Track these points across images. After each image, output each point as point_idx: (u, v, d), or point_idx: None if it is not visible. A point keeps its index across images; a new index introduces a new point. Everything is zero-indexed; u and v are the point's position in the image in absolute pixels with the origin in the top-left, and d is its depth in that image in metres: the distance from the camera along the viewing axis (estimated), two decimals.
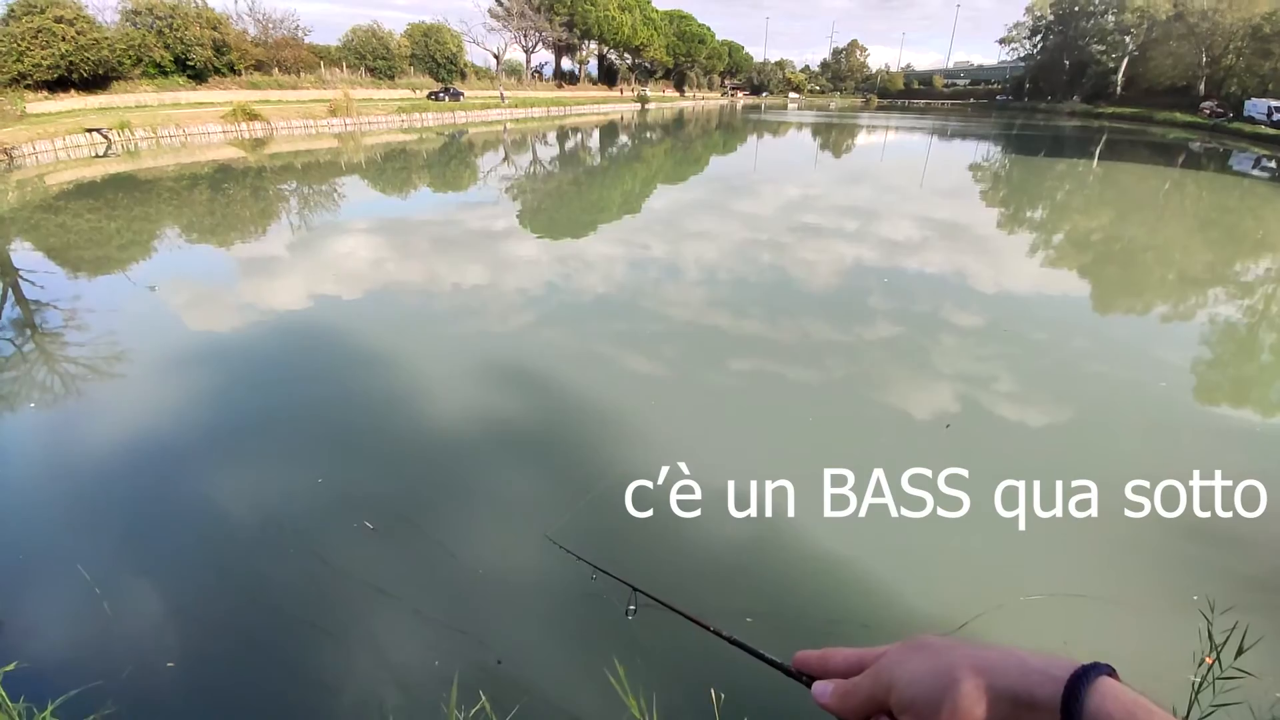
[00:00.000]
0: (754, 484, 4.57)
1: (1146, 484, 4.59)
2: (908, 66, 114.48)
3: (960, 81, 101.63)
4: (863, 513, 4.27)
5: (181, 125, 27.22)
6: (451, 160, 26.40)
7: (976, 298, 9.25)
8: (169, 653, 3.23)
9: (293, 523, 4.07)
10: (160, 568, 3.80)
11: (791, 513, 4.23)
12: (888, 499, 4.46)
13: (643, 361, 6.73)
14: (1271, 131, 37.73)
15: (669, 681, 1.97)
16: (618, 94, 69.03)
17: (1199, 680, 1.95)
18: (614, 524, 4.06)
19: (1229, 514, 4.26)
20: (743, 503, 4.28)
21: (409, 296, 8.84)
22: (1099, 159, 29.36)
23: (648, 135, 42.31)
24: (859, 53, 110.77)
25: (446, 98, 43.53)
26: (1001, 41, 78.39)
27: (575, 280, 9.63)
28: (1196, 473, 4.79)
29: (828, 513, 4.25)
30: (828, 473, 4.69)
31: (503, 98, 49.11)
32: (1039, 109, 65.85)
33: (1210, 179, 23.86)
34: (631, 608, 1.04)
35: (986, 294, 9.49)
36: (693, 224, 14.07)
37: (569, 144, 35.86)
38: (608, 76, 72.90)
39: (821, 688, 0.54)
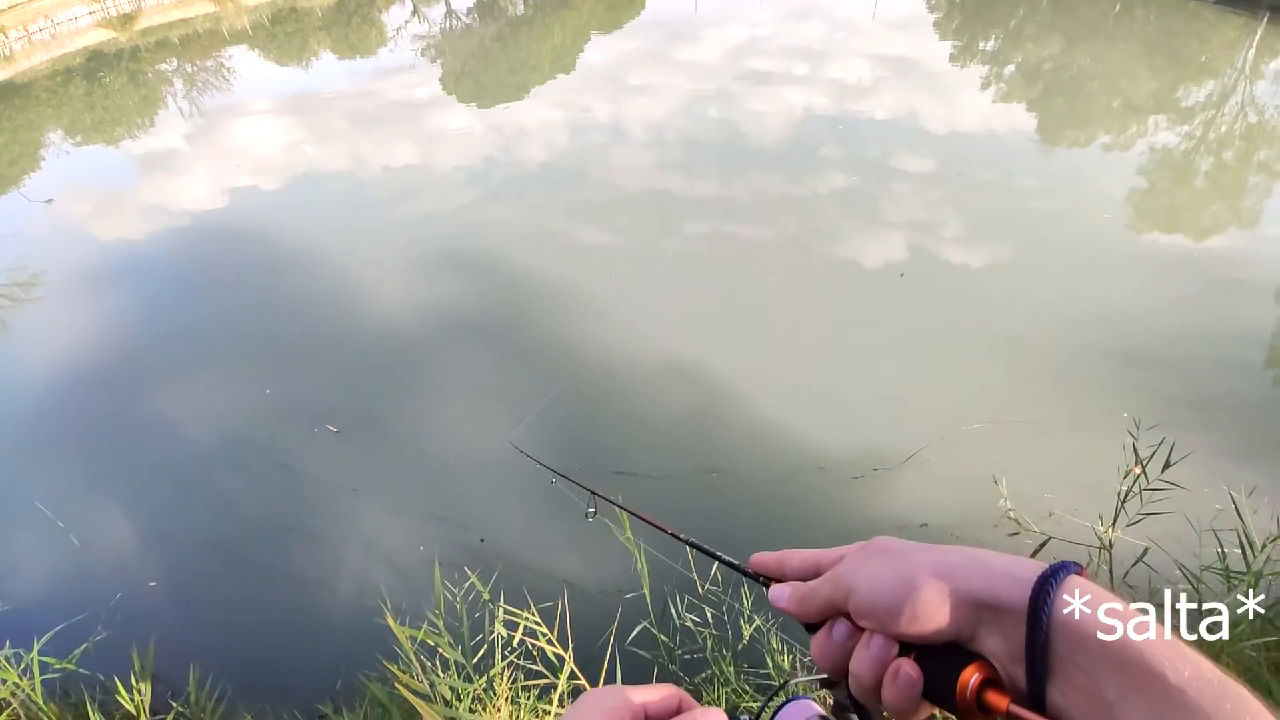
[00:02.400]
0: (716, 348, 4.65)
1: (1085, 314, 4.86)
2: None
3: None
4: (819, 364, 4.44)
5: (49, 15, 22.92)
6: (352, 18, 23.22)
7: (928, 140, 9.06)
8: (149, 573, 3.26)
9: (249, 435, 4.00)
10: (120, 494, 3.74)
11: (751, 370, 4.37)
12: (843, 349, 4.63)
13: (595, 233, 6.49)
14: None
15: (653, 558, 2.09)
16: None
17: (1125, 490, 2.16)
18: (588, 405, 4.13)
19: (1163, 339, 4.60)
20: (709, 365, 4.38)
21: (334, 182, 8.13)
22: None
23: None
24: None
25: None
26: None
27: (515, 151, 8.98)
28: (1132, 301, 5.08)
29: (786, 368, 4.40)
30: (788, 330, 4.80)
31: None
32: None
33: (1159, 2, 23.06)
34: (591, 510, 1.04)
35: (938, 135, 9.30)
36: (634, 78, 13.05)
37: None
38: None
39: (779, 591, 0.52)
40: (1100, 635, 0.36)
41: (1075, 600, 0.37)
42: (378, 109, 11.39)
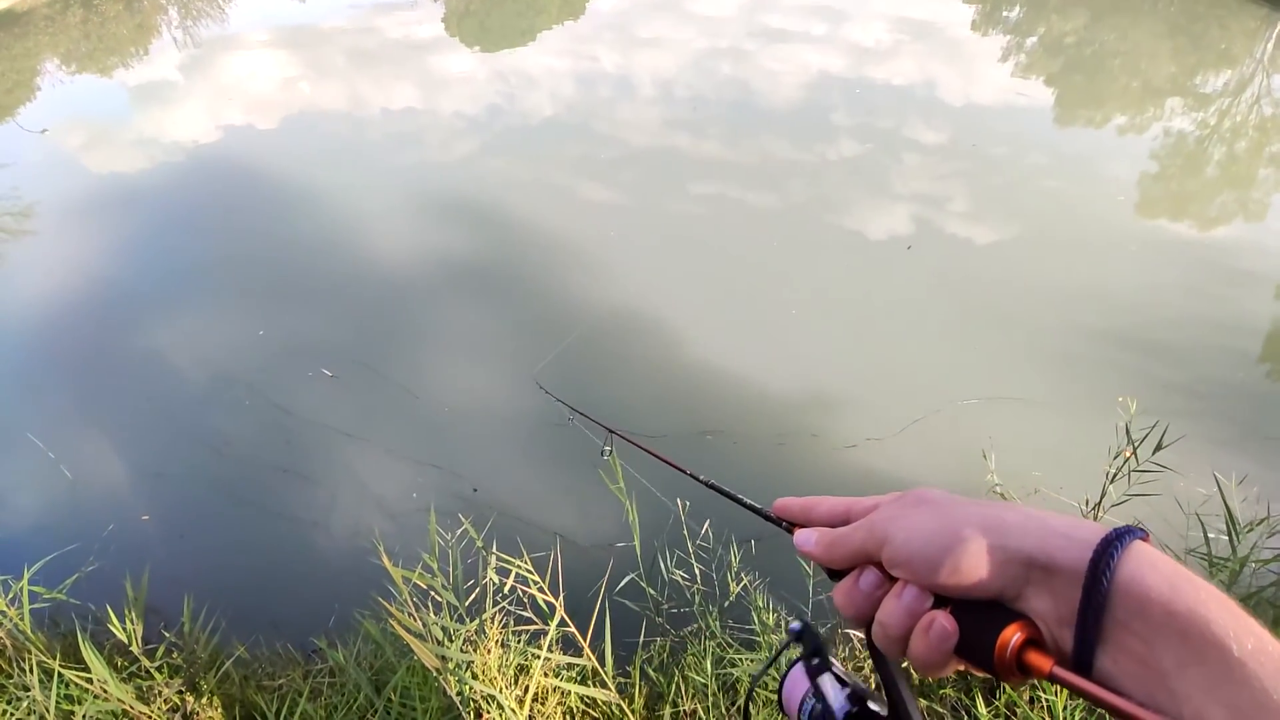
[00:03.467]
0: (717, 311, 4.63)
1: (1088, 296, 4.85)
2: None
3: None
4: (819, 332, 4.43)
5: None
6: None
7: (943, 110, 8.87)
8: (142, 506, 3.28)
9: (244, 376, 3.98)
10: (113, 429, 3.73)
11: (751, 334, 4.36)
12: (844, 318, 4.61)
13: (599, 189, 6.37)
14: None
15: (645, 514, 2.11)
16: None
17: (1113, 471, 2.19)
18: (588, 361, 4.12)
19: (1164, 325, 4.61)
20: (708, 330, 4.36)
21: (333, 123, 7.91)
22: None
23: None
24: None
25: None
26: None
27: (519, 100, 8.73)
28: (1136, 285, 5.07)
29: (787, 334, 4.39)
30: (789, 297, 4.77)
31: None
32: None
33: None
34: (607, 449, 1.02)
35: (954, 106, 9.10)
36: (644, 29, 12.62)
37: None
38: None
39: (805, 536, 0.51)
40: (1165, 603, 0.34)
41: (1140, 564, 0.35)
42: (378, 47, 11.00)
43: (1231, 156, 8.45)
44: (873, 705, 0.49)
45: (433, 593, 1.88)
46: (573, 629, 1.78)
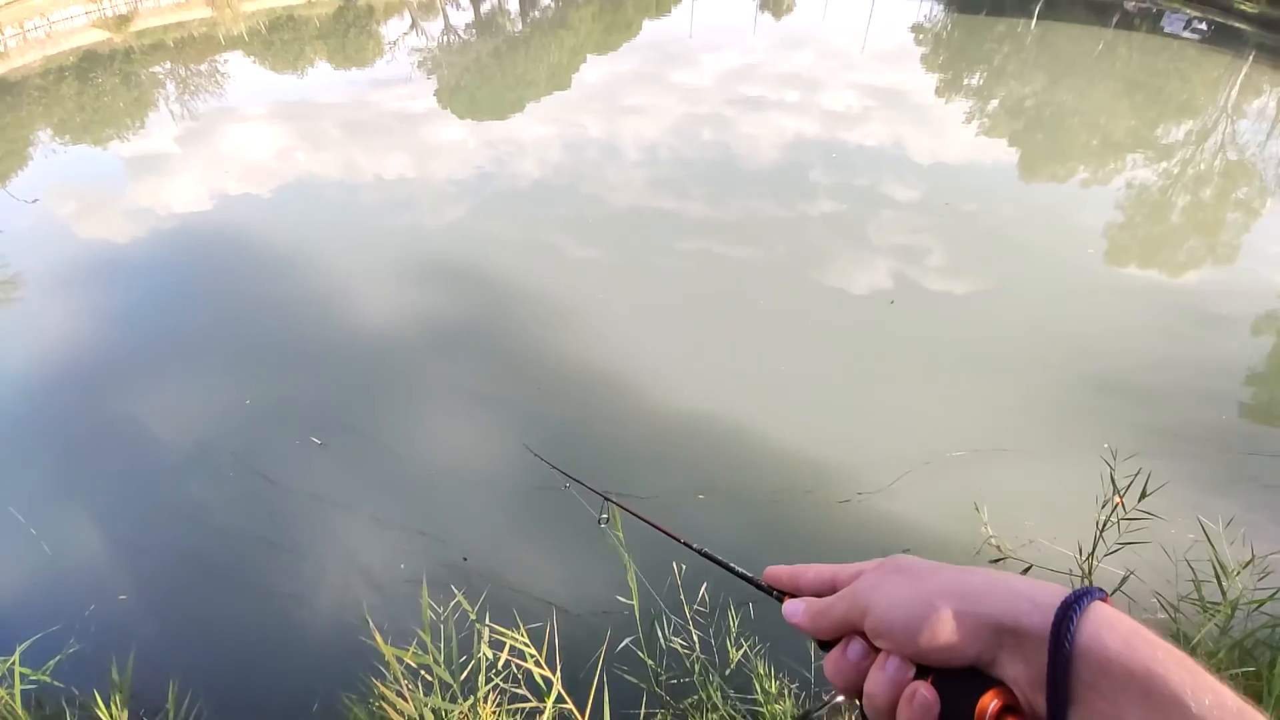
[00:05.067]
0: (705, 369, 4.67)
1: (1067, 344, 4.96)
2: None
3: None
4: (806, 387, 4.48)
5: (45, 14, 22.72)
6: (350, 29, 23.32)
7: (914, 169, 9.26)
8: (123, 583, 3.18)
9: (229, 445, 3.92)
10: (95, 502, 3.65)
11: (739, 391, 4.39)
12: (830, 372, 4.67)
13: (587, 249, 6.53)
14: None
15: (641, 577, 2.07)
16: None
17: (1103, 519, 2.20)
18: (578, 420, 4.12)
19: (1142, 370, 4.71)
20: (699, 387, 4.39)
21: (327, 190, 8.12)
22: (1037, 18, 28.70)
23: None
24: None
25: None
26: None
27: (509, 165, 9.03)
28: (1113, 332, 5.21)
29: (774, 390, 4.43)
30: (776, 353, 4.84)
31: None
32: None
33: (1141, 40, 23.82)
34: (604, 516, 1.03)
35: (924, 165, 9.50)
36: (629, 98, 13.21)
37: (484, 6, 32.16)
38: None
39: (793, 606, 0.51)
40: (1124, 662, 0.35)
41: (1099, 626, 0.37)
42: (373, 119, 11.41)
43: (1197, 203, 8.83)
44: None
45: (423, 672, 1.83)
46: (570, 704, 1.72)
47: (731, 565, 0.63)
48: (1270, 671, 1.63)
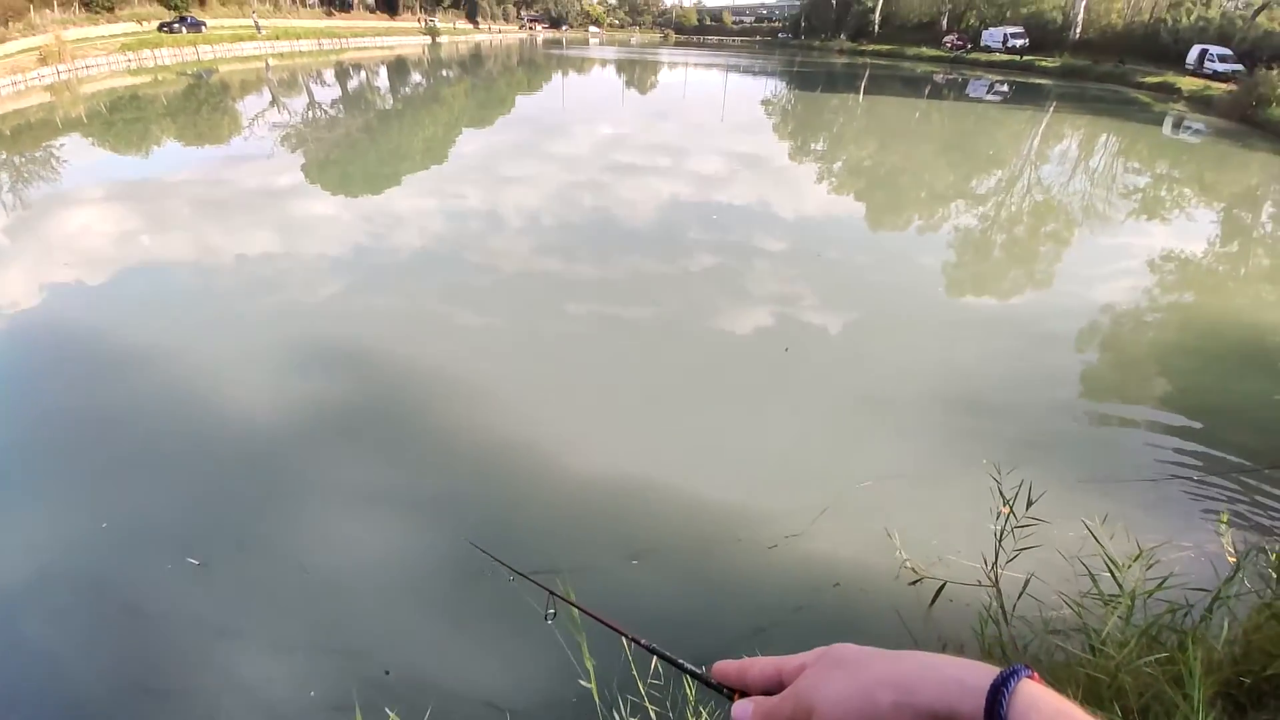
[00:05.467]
0: (613, 430, 4.62)
1: (934, 373, 5.46)
2: (699, 2, 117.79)
3: (746, 19, 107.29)
4: (714, 438, 4.54)
5: None
6: (202, 106, 22.09)
7: (781, 224, 10.07)
8: None
9: (84, 576, 3.29)
10: None
11: (652, 449, 4.37)
12: (732, 420, 4.79)
13: (478, 318, 6.37)
14: (1003, 57, 44.51)
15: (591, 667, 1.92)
16: (402, 25, 62.22)
17: (1000, 530, 2.38)
18: (499, 504, 3.88)
19: (999, 389, 5.26)
20: (613, 450, 4.31)
21: (178, 274, 7.39)
22: (864, 93, 33.01)
23: (444, 73, 39.03)
24: None
25: (184, 29, 35.93)
26: None
27: (387, 238, 8.74)
28: (969, 358, 5.81)
29: (686, 445, 4.46)
30: (683, 408, 4.91)
31: (258, 28, 41.85)
32: (814, 46, 71.49)
33: (950, 107, 28.05)
34: (551, 611, 0.97)
35: (788, 220, 10.37)
36: (507, 169, 13.42)
37: (352, 83, 31.83)
38: (388, 3, 64.80)
39: (742, 709, 0.52)
40: None
41: (1027, 708, 0.38)
42: (230, 196, 10.69)
43: (1013, 239, 10.26)
44: None
45: None
46: None
47: (681, 662, 0.62)
48: (1183, 655, 1.79)
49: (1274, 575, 2.24)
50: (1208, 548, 3.23)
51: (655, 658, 0.67)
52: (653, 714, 2.05)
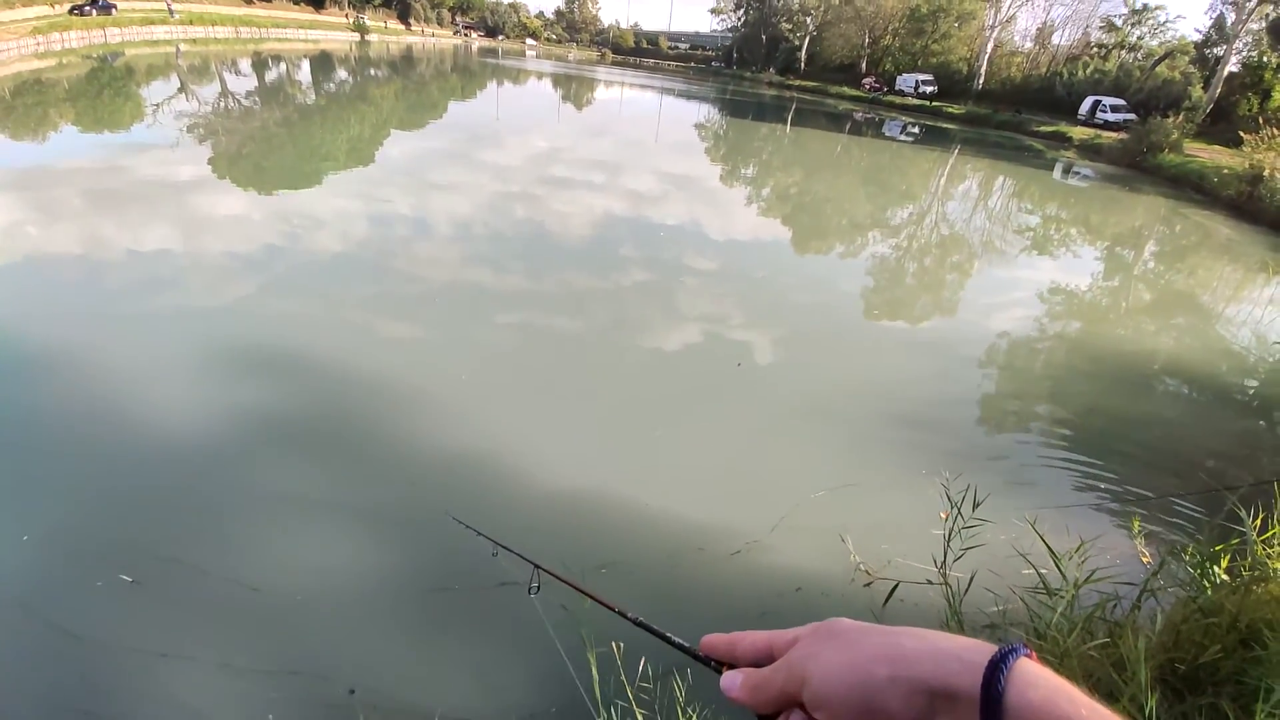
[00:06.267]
0: (568, 446, 4.55)
1: (870, 390, 5.77)
2: (636, 25, 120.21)
3: (682, 45, 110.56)
4: (676, 454, 4.59)
5: None
6: (104, 90, 20.34)
7: (712, 244, 10.35)
8: None
9: (8, 596, 2.90)
10: None
11: (613, 462, 4.34)
12: (685, 434, 4.85)
13: (405, 328, 6.15)
14: (915, 101, 47.91)
15: (566, 666, 1.86)
16: (328, 19, 59.86)
17: (948, 531, 2.57)
18: (435, 517, 3.73)
19: (927, 404, 5.65)
20: (569, 462, 4.24)
21: (62, 269, 6.73)
22: (791, 124, 34.63)
23: (372, 72, 37.79)
24: (592, 5, 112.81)
25: (95, 11, 33.42)
26: (712, 11, 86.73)
27: (304, 240, 8.31)
28: (898, 376, 6.19)
29: (644, 457, 4.47)
30: (633, 423, 4.91)
31: (171, 12, 39.17)
32: (745, 76, 74.34)
33: (869, 143, 29.84)
34: (535, 585, 0.97)
35: (719, 241, 10.67)
36: (438, 175, 13.12)
37: (271, 75, 30.25)
38: None
39: (730, 679, 0.50)
40: (1053, 718, 0.37)
41: (1024, 686, 0.38)
42: (126, 186, 9.86)
43: (923, 269, 10.99)
44: None
45: None
46: None
47: (668, 635, 0.61)
48: (1122, 641, 1.97)
49: (1193, 573, 2.54)
50: (1123, 550, 3.61)
51: (641, 633, 0.65)
52: (640, 717, 2.03)
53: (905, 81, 51.31)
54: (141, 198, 9.41)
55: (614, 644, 2.01)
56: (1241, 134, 20.81)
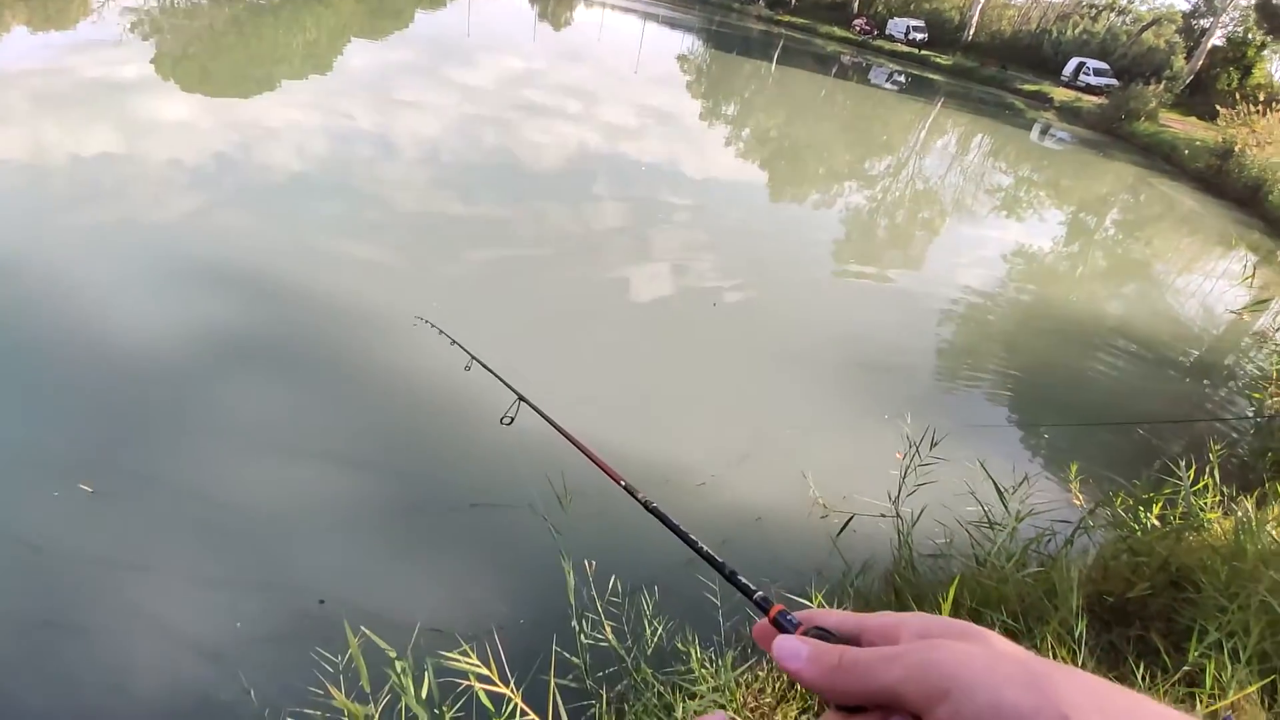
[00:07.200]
0: (536, 374, 4.50)
1: (837, 335, 5.90)
2: None
3: None
4: (639, 385, 4.63)
5: None
6: None
7: (689, 183, 10.15)
8: None
9: None
10: None
11: (579, 395, 4.35)
12: (655, 370, 4.89)
13: (371, 250, 5.91)
14: (905, 48, 46.83)
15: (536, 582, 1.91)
16: None
17: (904, 469, 2.71)
18: (420, 441, 3.74)
19: (889, 351, 5.82)
20: (532, 394, 4.20)
21: (9, 175, 6.21)
22: (776, 62, 33.54)
23: None
24: None
25: None
26: None
27: (258, 153, 7.82)
28: (866, 323, 6.34)
29: (613, 392, 4.49)
30: (601, 354, 4.91)
31: None
32: (733, 7, 70.89)
33: (854, 89, 29.22)
34: (509, 417, 0.93)
35: (696, 180, 10.47)
36: (403, 91, 12.36)
37: None
38: None
39: (791, 648, 0.38)
40: None
41: None
42: (70, 88, 9.03)
43: (894, 223, 11.04)
44: None
45: None
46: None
47: (684, 530, 0.55)
48: (1055, 571, 2.17)
49: (1124, 516, 2.75)
50: (1062, 494, 3.88)
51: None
52: (607, 629, 2.12)
53: (896, 26, 49.88)
54: (80, 100, 8.64)
55: (586, 562, 2.10)
56: (1218, 108, 21.05)
